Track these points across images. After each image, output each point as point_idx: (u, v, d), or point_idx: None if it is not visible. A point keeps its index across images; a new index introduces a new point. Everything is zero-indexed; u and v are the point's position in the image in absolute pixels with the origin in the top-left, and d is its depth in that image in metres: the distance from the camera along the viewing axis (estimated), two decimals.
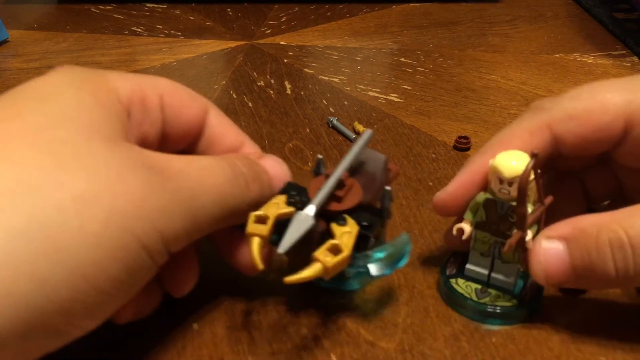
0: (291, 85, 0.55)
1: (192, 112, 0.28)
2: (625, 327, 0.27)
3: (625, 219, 0.24)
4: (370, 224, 0.26)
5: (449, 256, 0.30)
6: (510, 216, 0.26)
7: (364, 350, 0.26)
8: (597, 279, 0.25)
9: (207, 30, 0.69)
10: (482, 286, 0.29)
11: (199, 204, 0.23)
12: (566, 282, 0.25)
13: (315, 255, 0.24)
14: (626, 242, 0.23)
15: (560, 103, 0.28)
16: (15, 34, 0.66)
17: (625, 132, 0.27)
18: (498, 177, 0.26)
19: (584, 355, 0.26)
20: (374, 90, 0.53)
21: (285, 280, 0.23)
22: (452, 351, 0.26)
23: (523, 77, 0.55)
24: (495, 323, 0.27)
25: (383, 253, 0.26)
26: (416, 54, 0.61)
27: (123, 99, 0.24)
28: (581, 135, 0.27)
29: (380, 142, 0.44)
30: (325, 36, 0.67)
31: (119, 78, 0.25)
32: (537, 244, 0.26)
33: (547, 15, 0.71)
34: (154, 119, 0.26)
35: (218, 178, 0.24)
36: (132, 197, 0.20)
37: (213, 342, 0.27)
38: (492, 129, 0.46)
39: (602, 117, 0.26)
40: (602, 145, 0.27)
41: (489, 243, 0.28)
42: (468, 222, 0.27)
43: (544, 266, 0.25)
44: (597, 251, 0.24)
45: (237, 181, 0.25)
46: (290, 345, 0.27)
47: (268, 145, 0.44)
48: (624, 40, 0.62)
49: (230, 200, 0.25)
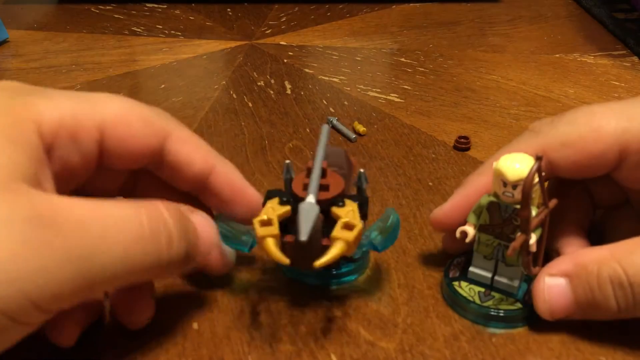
0: (291, 85, 0.55)
1: (141, 142, 0.25)
2: (625, 328, 0.27)
3: (625, 256, 0.25)
4: (362, 203, 0.27)
5: (452, 259, 0.30)
6: (514, 219, 0.26)
7: (364, 350, 0.26)
8: (601, 313, 0.25)
9: (207, 30, 0.69)
10: (486, 289, 0.29)
11: (95, 263, 0.20)
12: (570, 315, 0.26)
13: (335, 235, 0.24)
14: (625, 281, 0.24)
15: (556, 128, 0.28)
16: (15, 34, 0.66)
17: (619, 160, 0.27)
18: (502, 180, 0.25)
19: (584, 355, 0.26)
20: (374, 90, 0.53)
21: (315, 264, 0.24)
22: (452, 351, 0.26)
23: (523, 77, 0.55)
24: (498, 327, 0.27)
25: (377, 228, 0.28)
26: (416, 54, 0.61)
27: (45, 132, 0.22)
28: (575, 162, 0.27)
29: (380, 142, 0.44)
30: (325, 36, 0.67)
31: (49, 107, 0.23)
32: (541, 281, 0.26)
33: (547, 15, 0.71)
34: (86, 152, 0.24)
35: (127, 234, 0.21)
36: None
37: (213, 342, 0.27)
38: (492, 129, 0.46)
39: (596, 145, 0.26)
40: (597, 171, 0.27)
41: (493, 246, 0.28)
42: (471, 225, 0.27)
43: (548, 304, 0.26)
44: (600, 288, 0.25)
45: (154, 238, 0.22)
46: (290, 345, 0.27)
47: (268, 145, 0.44)
48: (624, 40, 0.62)
49: (141, 258, 0.22)
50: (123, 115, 0.25)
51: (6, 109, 0.22)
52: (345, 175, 0.29)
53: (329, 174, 0.27)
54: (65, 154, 0.23)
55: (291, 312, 0.28)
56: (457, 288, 0.29)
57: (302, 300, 0.29)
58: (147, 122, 0.26)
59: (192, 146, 0.27)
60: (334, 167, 0.29)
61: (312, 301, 0.29)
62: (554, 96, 0.51)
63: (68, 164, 0.24)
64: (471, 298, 0.28)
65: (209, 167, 0.28)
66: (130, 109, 0.25)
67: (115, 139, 0.25)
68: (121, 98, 0.26)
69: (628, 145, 0.26)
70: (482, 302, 0.28)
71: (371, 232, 0.28)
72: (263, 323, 0.28)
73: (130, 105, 0.26)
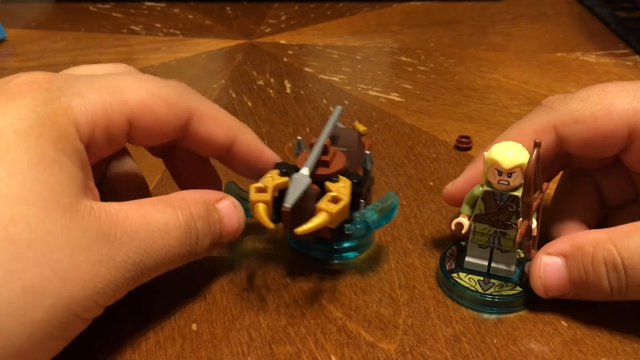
0: (291, 85, 0.54)
1: (166, 127, 0.27)
2: (627, 328, 0.27)
3: (621, 238, 0.25)
4: (360, 181, 0.28)
5: (444, 251, 0.31)
6: (510, 206, 0.27)
7: (364, 352, 0.26)
8: (594, 294, 0.26)
9: (206, 29, 0.69)
10: (484, 277, 0.29)
11: (146, 265, 0.24)
12: (564, 294, 0.27)
13: (319, 206, 0.26)
14: (619, 263, 0.25)
15: (568, 104, 0.28)
16: (13, 33, 0.66)
17: (629, 141, 0.27)
18: (496, 169, 0.26)
19: (586, 356, 0.26)
20: (374, 89, 0.53)
21: (296, 230, 0.25)
22: (453, 352, 0.26)
23: (525, 76, 0.55)
24: (506, 312, 0.28)
25: (375, 208, 0.29)
26: (417, 53, 0.61)
27: (83, 134, 0.24)
28: (585, 139, 0.27)
29: (380, 141, 0.44)
30: (325, 35, 0.66)
31: (83, 108, 0.24)
32: (538, 258, 0.27)
33: (548, 14, 0.71)
34: (116, 143, 0.26)
35: (170, 240, 0.25)
36: (80, 280, 0.21)
37: (212, 343, 0.27)
38: (493, 128, 0.46)
39: (606, 123, 0.27)
40: (607, 150, 0.28)
41: (489, 234, 0.28)
42: (465, 216, 0.28)
43: (543, 281, 0.27)
44: (594, 269, 0.25)
45: (188, 239, 0.25)
46: (290, 346, 0.26)
47: (268, 144, 0.44)
48: (626, 39, 0.61)
49: (177, 255, 0.25)
50: (149, 104, 0.26)
51: (48, 118, 0.23)
52: (353, 156, 0.30)
53: (332, 152, 0.29)
54: (99, 149, 0.25)
55: (291, 313, 0.28)
56: (457, 279, 0.29)
57: (302, 301, 0.29)
58: (171, 105, 0.27)
59: (214, 122, 0.29)
60: (344, 147, 0.30)
61: (313, 302, 0.29)
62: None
63: (100, 156, 0.26)
64: (473, 288, 0.28)
65: (230, 141, 0.30)
66: (156, 94, 0.26)
67: (142, 128, 0.26)
68: (146, 81, 0.27)
69: (638, 126, 0.26)
70: (484, 290, 0.28)
71: (367, 210, 0.29)
72: (262, 324, 0.28)
73: (155, 88, 0.27)
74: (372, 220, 0.29)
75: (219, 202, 0.28)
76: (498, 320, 0.28)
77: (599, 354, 0.26)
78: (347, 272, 0.31)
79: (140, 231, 0.24)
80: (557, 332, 0.27)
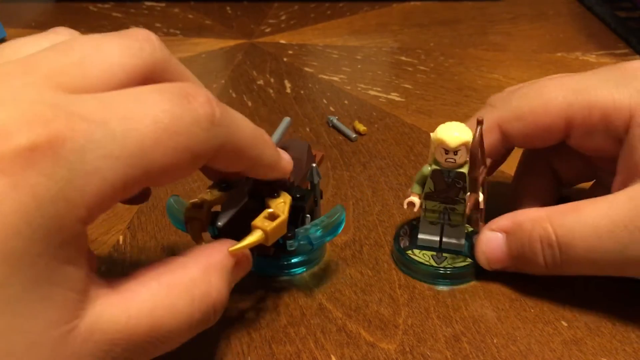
0: (291, 85, 0.54)
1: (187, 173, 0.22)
2: (627, 329, 0.27)
3: (557, 217, 0.27)
4: (303, 195, 0.28)
5: (398, 230, 0.32)
6: (457, 182, 0.28)
7: (364, 352, 0.26)
8: (531, 268, 0.28)
9: (206, 28, 0.69)
10: (437, 252, 0.31)
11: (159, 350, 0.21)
12: (505, 267, 0.29)
13: (254, 224, 0.25)
14: (554, 241, 0.26)
15: (509, 102, 0.30)
16: (13, 33, 0.66)
17: (567, 131, 0.29)
18: (443, 148, 0.27)
19: (586, 356, 0.26)
20: (374, 89, 0.53)
21: (229, 250, 0.23)
22: (453, 352, 0.26)
23: (525, 76, 0.55)
24: (459, 283, 0.30)
25: (320, 224, 0.28)
26: (417, 53, 0.61)
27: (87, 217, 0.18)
28: (527, 133, 0.29)
29: (381, 141, 0.44)
30: (325, 35, 0.66)
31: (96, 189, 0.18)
32: (482, 233, 0.29)
33: (548, 14, 0.71)
34: None
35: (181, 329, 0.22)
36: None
37: (212, 343, 0.27)
38: None
39: (544, 118, 0.28)
40: (547, 141, 0.30)
41: (439, 211, 0.30)
42: (416, 195, 0.29)
43: (486, 255, 0.29)
44: (530, 245, 0.27)
45: (202, 321, 0.22)
46: (290, 346, 0.26)
47: None
48: (626, 39, 0.61)
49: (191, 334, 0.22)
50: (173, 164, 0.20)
51: (51, 228, 0.17)
52: (300, 170, 0.31)
53: None
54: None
55: (291, 313, 0.28)
56: (412, 256, 0.30)
57: (302, 301, 0.29)
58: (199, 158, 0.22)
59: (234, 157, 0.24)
60: (293, 160, 0.28)
61: (313, 302, 0.29)
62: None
63: None
64: (427, 262, 0.30)
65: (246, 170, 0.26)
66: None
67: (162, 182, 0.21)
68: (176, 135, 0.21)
69: (573, 117, 0.28)
70: (438, 264, 0.30)
71: (312, 226, 0.28)
72: (262, 324, 0.28)
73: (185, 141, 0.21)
74: (315, 237, 0.27)
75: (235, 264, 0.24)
76: (498, 319, 0.28)
77: (599, 354, 0.26)
78: (346, 272, 0.31)
79: (156, 327, 0.21)
80: (557, 332, 0.27)
